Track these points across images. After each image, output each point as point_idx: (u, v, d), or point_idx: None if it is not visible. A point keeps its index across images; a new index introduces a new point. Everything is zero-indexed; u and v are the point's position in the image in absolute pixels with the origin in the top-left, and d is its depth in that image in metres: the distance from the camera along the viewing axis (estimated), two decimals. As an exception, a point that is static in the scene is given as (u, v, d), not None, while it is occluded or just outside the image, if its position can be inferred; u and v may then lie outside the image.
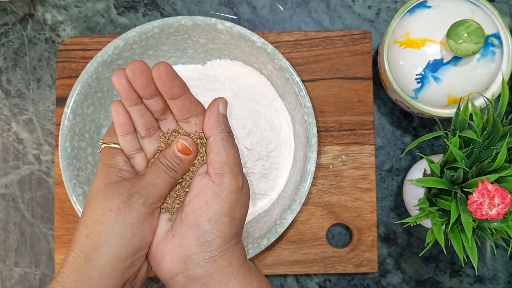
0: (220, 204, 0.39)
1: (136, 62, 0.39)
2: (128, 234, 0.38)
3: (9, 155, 0.57)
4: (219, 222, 0.39)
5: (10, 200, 0.57)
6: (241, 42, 0.50)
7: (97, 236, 0.38)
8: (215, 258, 0.39)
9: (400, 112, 0.58)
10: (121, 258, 0.38)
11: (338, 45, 0.55)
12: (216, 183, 0.39)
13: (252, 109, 0.51)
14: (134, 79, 0.39)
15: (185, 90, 0.41)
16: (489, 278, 0.57)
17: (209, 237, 0.39)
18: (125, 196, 0.39)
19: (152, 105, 0.41)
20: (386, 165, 0.57)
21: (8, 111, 0.57)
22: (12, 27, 0.58)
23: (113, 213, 0.38)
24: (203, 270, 0.39)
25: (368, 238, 0.54)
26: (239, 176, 0.40)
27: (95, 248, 0.38)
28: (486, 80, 0.48)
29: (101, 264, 0.37)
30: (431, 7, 0.49)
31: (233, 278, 0.39)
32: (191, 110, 0.42)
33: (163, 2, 0.58)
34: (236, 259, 0.40)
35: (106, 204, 0.39)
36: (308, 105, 0.49)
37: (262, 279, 0.41)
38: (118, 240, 0.38)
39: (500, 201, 0.40)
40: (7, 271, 0.56)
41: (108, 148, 0.43)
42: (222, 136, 0.41)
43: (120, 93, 0.41)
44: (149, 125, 0.42)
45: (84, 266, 0.37)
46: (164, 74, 0.39)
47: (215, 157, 0.40)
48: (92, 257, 0.38)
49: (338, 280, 0.57)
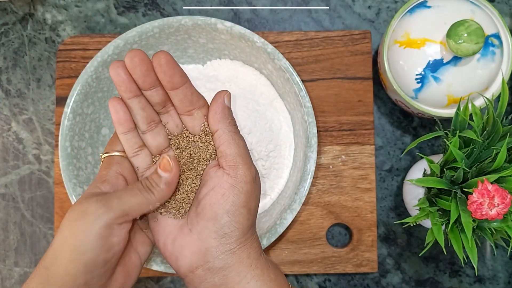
0: (237, 195, 0.39)
1: (134, 51, 0.39)
2: (80, 248, 0.36)
3: (9, 155, 0.57)
4: (237, 214, 0.39)
5: (10, 200, 0.57)
6: (241, 42, 0.50)
7: (55, 246, 0.37)
8: (234, 250, 0.39)
9: (400, 112, 0.58)
10: (71, 274, 0.36)
11: (338, 45, 0.55)
12: (231, 175, 0.39)
13: (252, 109, 0.51)
14: (133, 67, 0.39)
15: (186, 79, 0.40)
16: (489, 278, 0.57)
17: (228, 229, 0.39)
18: (84, 206, 0.37)
19: (152, 97, 0.41)
20: (386, 165, 0.57)
21: (8, 110, 0.57)
22: (12, 27, 0.58)
23: (70, 224, 0.37)
24: (223, 262, 0.39)
25: (368, 238, 0.54)
26: (252, 166, 0.41)
27: (52, 258, 0.37)
28: (486, 80, 0.48)
29: (55, 276, 0.36)
30: (431, 7, 0.49)
31: (252, 270, 0.39)
32: (193, 101, 0.41)
33: (163, 2, 0.58)
34: (254, 251, 0.40)
35: (69, 214, 0.37)
36: (308, 105, 0.49)
37: (278, 271, 0.41)
38: (68, 254, 0.36)
39: (500, 201, 0.40)
40: (7, 271, 0.56)
41: (108, 158, 0.42)
42: (230, 129, 0.41)
43: (118, 86, 0.40)
44: (150, 118, 0.41)
45: (43, 275, 0.37)
46: (164, 62, 0.39)
47: (226, 150, 0.40)
48: (48, 267, 0.36)
49: (338, 280, 0.57)
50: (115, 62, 0.39)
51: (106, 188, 0.40)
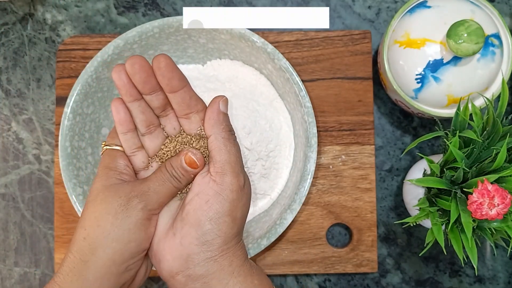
0: (221, 203, 0.39)
1: (135, 57, 0.39)
2: (124, 239, 0.38)
3: (9, 155, 0.57)
4: (220, 222, 0.39)
5: (10, 200, 0.57)
6: (241, 42, 0.50)
7: (93, 239, 0.38)
8: (215, 258, 0.39)
9: (400, 112, 0.58)
10: (116, 263, 0.38)
11: (338, 45, 0.55)
12: (217, 182, 0.39)
13: (252, 109, 0.51)
14: (134, 73, 0.39)
15: (185, 83, 0.41)
16: (489, 278, 0.57)
17: (210, 236, 0.39)
18: (124, 200, 0.39)
19: (152, 101, 0.41)
20: (386, 165, 0.57)
21: (8, 110, 0.57)
22: (12, 27, 0.58)
23: (111, 217, 0.38)
24: (203, 269, 0.39)
25: (368, 238, 0.54)
26: (240, 175, 0.40)
27: (91, 251, 0.38)
28: (486, 80, 0.48)
29: (97, 267, 0.37)
30: (431, 7, 0.49)
31: (234, 277, 0.39)
32: (191, 105, 0.41)
33: (163, 2, 0.58)
34: (237, 258, 0.40)
35: (104, 207, 0.38)
36: (308, 105, 0.49)
37: (263, 277, 0.41)
38: (114, 244, 0.38)
39: (500, 201, 0.40)
40: (7, 271, 0.56)
41: (110, 150, 0.42)
42: (223, 135, 0.41)
43: (120, 89, 0.40)
44: (150, 121, 0.42)
45: (80, 268, 0.37)
46: (164, 66, 0.39)
47: (216, 156, 0.40)
48: (87, 259, 0.37)
49: (338, 280, 0.57)
50: (118, 66, 0.40)
51: (126, 178, 0.41)
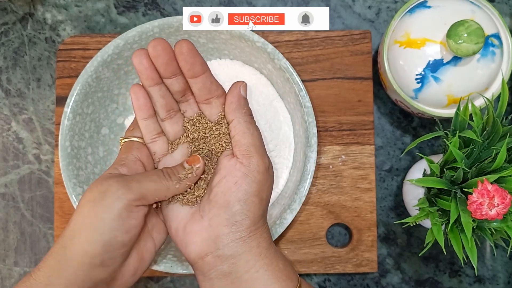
0: (249, 184, 0.39)
1: (158, 40, 0.40)
2: (99, 228, 0.37)
3: (9, 155, 0.57)
4: (249, 202, 0.39)
5: (10, 200, 0.57)
6: (241, 42, 0.50)
7: (73, 225, 0.38)
8: (244, 239, 0.39)
9: (400, 112, 0.58)
10: (88, 254, 0.37)
11: (338, 45, 0.55)
12: (245, 164, 0.40)
13: (252, 109, 0.51)
14: (157, 56, 0.40)
15: (206, 68, 0.41)
16: (488, 278, 0.57)
17: (239, 217, 0.39)
18: (104, 187, 0.38)
19: (173, 85, 0.42)
20: (386, 165, 0.57)
21: (8, 110, 0.57)
22: (12, 27, 0.58)
23: (89, 203, 0.38)
24: (232, 250, 0.39)
25: (368, 238, 0.54)
26: (265, 157, 0.41)
27: (70, 237, 0.37)
28: (486, 80, 0.48)
29: (72, 255, 0.37)
30: (431, 7, 0.49)
31: (261, 259, 0.40)
32: (211, 90, 0.42)
33: (163, 1, 0.58)
34: (264, 240, 0.40)
35: (87, 194, 0.38)
36: (308, 105, 0.49)
37: (287, 262, 0.42)
38: (87, 233, 0.37)
39: (500, 201, 0.40)
40: (6, 271, 0.56)
41: (127, 143, 0.43)
42: (245, 119, 0.42)
43: (140, 74, 0.41)
44: (170, 106, 0.43)
45: (59, 254, 0.37)
46: (186, 50, 0.40)
47: (240, 139, 0.41)
48: (66, 245, 0.37)
49: (338, 280, 0.57)
50: (139, 50, 0.40)
51: (124, 171, 0.41)
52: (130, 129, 0.44)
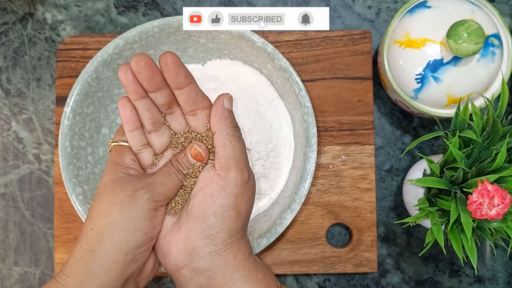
0: (225, 197, 0.39)
1: (140, 55, 0.40)
2: (130, 228, 0.39)
3: (9, 154, 0.57)
4: (224, 216, 0.39)
5: (10, 200, 0.57)
6: (241, 41, 0.50)
7: (100, 229, 0.38)
8: (220, 252, 0.39)
9: (400, 112, 0.58)
10: (123, 252, 0.38)
11: (338, 45, 0.55)
12: (222, 177, 0.40)
13: (252, 109, 0.51)
14: (139, 71, 0.40)
15: (191, 80, 0.42)
16: (488, 278, 0.57)
17: (214, 230, 0.39)
18: (130, 191, 0.39)
19: (158, 98, 0.42)
20: (386, 165, 0.57)
21: (8, 110, 0.57)
22: (12, 26, 0.58)
23: (117, 207, 0.39)
24: (208, 263, 0.39)
25: (368, 238, 0.54)
26: (244, 170, 0.41)
27: (98, 241, 0.38)
28: (486, 80, 0.48)
29: (103, 256, 0.38)
30: (431, 7, 0.49)
31: (238, 271, 0.40)
32: (197, 101, 0.42)
33: (163, 1, 0.58)
34: (242, 253, 0.40)
35: (111, 198, 0.39)
36: (308, 105, 0.49)
37: (268, 272, 0.42)
38: (120, 233, 0.38)
39: (500, 201, 0.40)
40: (6, 270, 0.56)
41: (117, 146, 0.43)
42: (227, 131, 0.41)
43: (126, 87, 0.41)
44: (156, 119, 0.43)
45: (87, 258, 0.38)
46: (171, 62, 0.40)
47: (220, 151, 0.41)
48: (94, 249, 0.38)
49: (338, 280, 0.57)
50: (124, 65, 0.41)
51: (133, 172, 0.42)
52: (120, 133, 0.44)
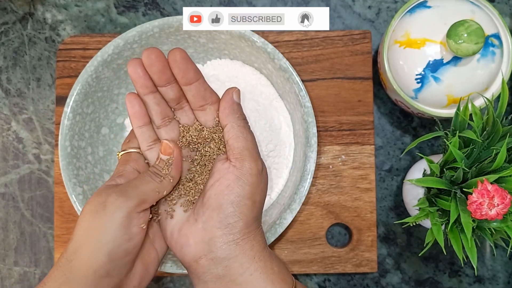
0: (242, 187, 0.40)
1: (151, 49, 0.40)
2: (101, 239, 0.37)
3: (9, 154, 0.57)
4: (241, 205, 0.40)
5: (9, 199, 0.57)
6: (241, 41, 0.50)
7: (76, 238, 0.38)
8: (237, 241, 0.39)
9: (400, 112, 0.58)
10: (94, 265, 0.37)
11: (338, 45, 0.55)
12: (237, 167, 0.40)
13: (252, 109, 0.51)
14: (150, 64, 0.41)
15: (200, 76, 0.42)
16: (488, 278, 0.57)
17: (232, 219, 0.39)
18: (103, 197, 0.38)
19: (167, 93, 0.42)
20: (385, 165, 0.57)
21: (8, 110, 0.57)
22: (12, 26, 0.58)
23: (90, 216, 0.38)
24: (226, 252, 0.39)
25: (368, 238, 0.54)
26: (258, 160, 0.41)
27: (75, 251, 0.37)
28: (486, 80, 0.48)
29: (77, 267, 0.37)
30: (431, 7, 0.49)
31: (255, 262, 0.40)
32: (206, 97, 0.43)
33: (163, 1, 0.58)
34: (258, 243, 0.41)
35: (87, 206, 0.39)
36: (308, 105, 0.49)
37: (282, 265, 0.42)
38: (91, 244, 0.37)
39: (500, 201, 0.40)
40: (6, 270, 0.56)
41: (124, 155, 0.44)
42: (238, 123, 0.42)
43: (135, 82, 0.42)
44: (165, 113, 0.43)
45: (65, 267, 0.37)
46: (179, 59, 0.40)
47: (234, 143, 0.41)
48: (71, 259, 0.37)
49: (338, 280, 0.57)
50: (133, 59, 0.41)
51: (121, 181, 0.41)
52: (126, 142, 0.45)
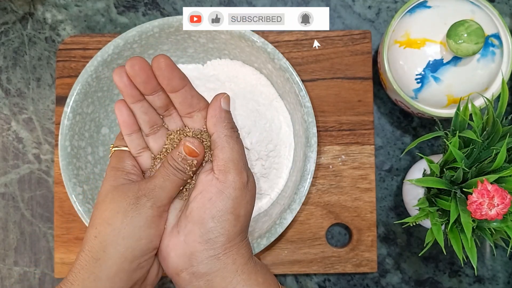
0: (224, 201, 0.39)
1: (134, 58, 0.39)
2: (135, 236, 0.38)
3: (9, 154, 0.57)
4: (223, 220, 0.39)
5: (9, 199, 0.57)
6: (241, 41, 0.50)
7: (104, 237, 0.38)
8: (219, 256, 0.39)
9: (400, 112, 0.58)
10: (128, 260, 0.38)
11: (338, 45, 0.55)
12: (220, 180, 0.39)
13: (252, 109, 0.51)
14: (134, 75, 0.40)
15: (186, 83, 0.41)
16: (488, 278, 0.57)
17: (212, 234, 0.39)
18: (132, 199, 0.39)
19: (154, 101, 0.42)
20: (385, 165, 0.57)
21: (8, 110, 0.57)
22: (12, 26, 0.58)
23: (121, 215, 0.38)
24: (207, 267, 0.39)
25: (368, 238, 0.54)
26: (243, 173, 0.40)
27: (102, 249, 0.38)
28: (486, 80, 0.48)
29: (108, 264, 0.38)
30: (431, 7, 0.49)
31: (238, 275, 0.39)
32: (193, 104, 0.42)
33: (163, 1, 0.58)
34: (241, 256, 0.40)
35: (114, 206, 0.39)
36: (308, 105, 0.49)
37: (268, 275, 0.41)
38: (124, 241, 0.38)
39: (500, 201, 0.40)
40: (6, 270, 0.56)
41: (118, 152, 0.43)
42: (225, 133, 0.41)
43: (121, 91, 0.41)
44: (153, 122, 0.42)
45: (92, 266, 0.38)
46: (164, 66, 0.39)
47: (219, 154, 0.40)
48: (99, 257, 0.38)
49: (338, 280, 0.57)
50: (119, 68, 0.40)
51: (134, 178, 0.41)
52: (121, 138, 0.44)
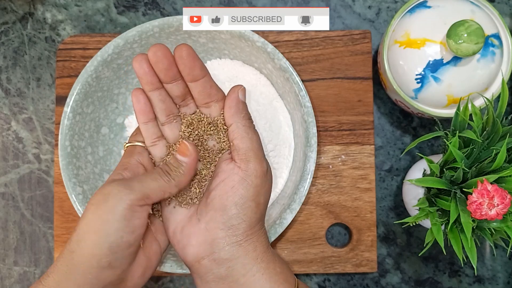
0: (246, 188, 0.40)
1: (157, 45, 0.40)
2: (103, 230, 0.37)
3: (9, 154, 0.57)
4: (245, 207, 0.40)
5: (9, 199, 0.57)
6: (241, 41, 0.50)
7: (79, 230, 0.38)
8: (240, 242, 0.39)
9: (400, 112, 0.58)
10: (96, 256, 0.37)
11: (338, 45, 0.55)
12: (242, 169, 0.40)
13: (252, 109, 0.51)
14: (157, 61, 0.40)
15: (206, 73, 0.42)
16: (488, 278, 0.57)
17: (235, 221, 0.39)
18: (107, 190, 0.38)
19: (172, 90, 0.42)
20: (385, 165, 0.57)
21: (8, 110, 0.57)
22: (12, 26, 0.58)
23: (93, 207, 0.38)
24: (229, 254, 0.39)
25: (368, 238, 0.54)
26: (263, 161, 0.41)
27: (77, 242, 0.38)
28: (486, 80, 0.48)
29: (79, 258, 0.37)
30: (431, 7, 0.49)
31: (258, 263, 0.40)
32: (211, 94, 0.43)
33: (163, 1, 0.58)
34: (261, 244, 0.41)
35: (92, 199, 0.39)
36: (308, 105, 0.49)
37: (285, 265, 0.42)
38: (93, 235, 0.37)
39: (500, 201, 0.40)
40: (6, 270, 0.56)
41: (130, 147, 0.44)
42: (244, 123, 0.42)
43: (141, 78, 0.41)
44: (169, 110, 0.43)
45: (67, 259, 0.38)
46: (186, 55, 0.40)
47: (239, 144, 0.41)
48: (73, 250, 0.38)
49: (338, 280, 0.57)
50: (139, 55, 0.41)
51: (127, 175, 0.41)
52: (134, 135, 0.45)
